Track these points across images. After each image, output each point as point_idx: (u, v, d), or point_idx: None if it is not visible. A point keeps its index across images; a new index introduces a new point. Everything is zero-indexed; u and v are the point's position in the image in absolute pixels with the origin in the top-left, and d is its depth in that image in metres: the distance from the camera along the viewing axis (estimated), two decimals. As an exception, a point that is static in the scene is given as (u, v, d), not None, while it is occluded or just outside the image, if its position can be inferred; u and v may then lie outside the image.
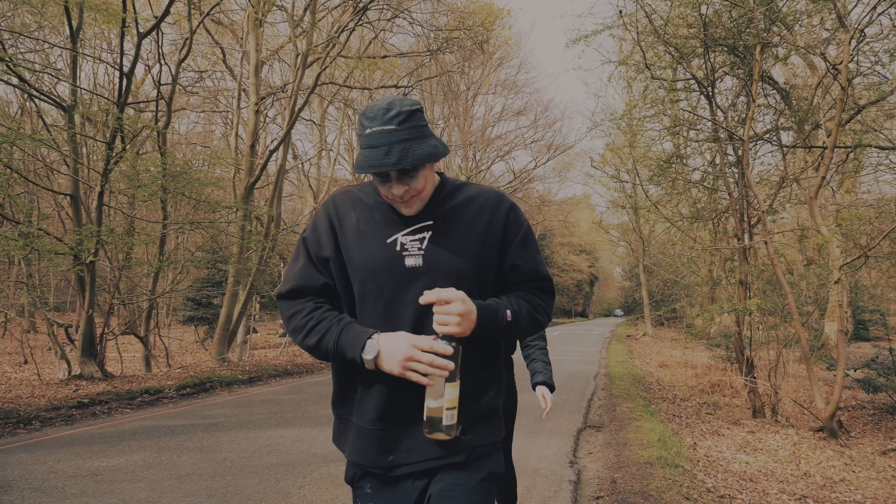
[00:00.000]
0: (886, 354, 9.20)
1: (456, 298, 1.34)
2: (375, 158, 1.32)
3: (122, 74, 9.30)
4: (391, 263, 1.43)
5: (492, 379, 1.55)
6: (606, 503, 3.98)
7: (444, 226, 1.47)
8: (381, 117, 1.34)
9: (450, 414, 1.35)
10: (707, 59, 9.57)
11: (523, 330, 1.51)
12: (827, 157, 8.21)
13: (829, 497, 4.72)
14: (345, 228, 1.50)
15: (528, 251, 1.55)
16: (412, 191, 1.40)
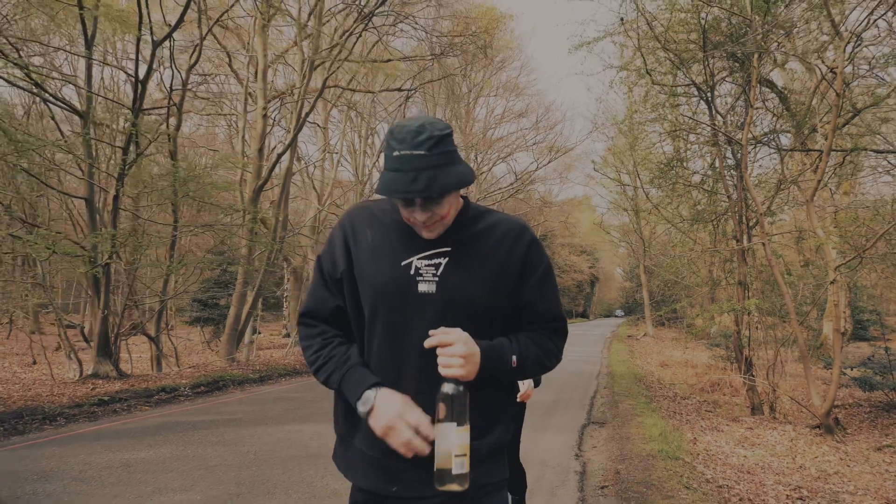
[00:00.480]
0: (883, 353, 9.44)
1: (458, 340, 1.31)
2: (402, 184, 1.28)
3: (136, 81, 9.55)
4: (404, 287, 1.40)
5: (501, 415, 1.50)
6: (611, 492, 4.22)
7: (462, 253, 1.43)
8: (410, 140, 1.29)
9: (459, 462, 1.26)
10: (706, 64, 9.81)
11: (528, 374, 1.47)
12: (823, 161, 8.45)
13: (823, 488, 4.96)
14: (359, 246, 1.48)
15: (546, 290, 1.50)
16: (435, 216, 1.37)
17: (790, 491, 4.76)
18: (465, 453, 1.26)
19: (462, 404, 1.28)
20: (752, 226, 9.88)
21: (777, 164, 11.55)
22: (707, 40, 9.53)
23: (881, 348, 9.49)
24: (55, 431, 6.04)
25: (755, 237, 9.74)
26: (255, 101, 15.98)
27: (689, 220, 11.99)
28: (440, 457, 1.26)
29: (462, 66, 19.55)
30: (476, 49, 16.62)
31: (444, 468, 1.26)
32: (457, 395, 1.28)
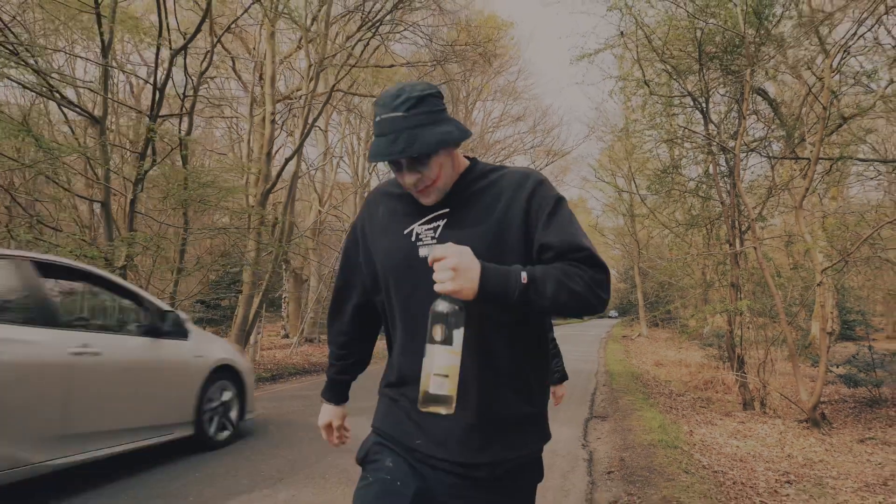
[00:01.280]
0: (867, 352, 9.94)
1: (450, 253, 1.22)
2: (383, 147, 1.29)
3: (154, 89, 9.93)
4: (407, 254, 1.40)
5: (523, 381, 1.41)
6: (617, 476, 4.65)
7: (461, 212, 1.40)
8: (389, 104, 1.30)
9: (438, 381, 1.19)
10: (702, 76, 10.27)
11: (550, 299, 1.26)
12: (811, 170, 8.93)
13: (809, 474, 5.42)
14: (374, 223, 1.51)
15: (557, 224, 1.36)
16: (425, 179, 1.35)
17: (779, 476, 5.21)
18: (446, 374, 1.19)
19: (454, 323, 1.20)
20: (744, 230, 10.36)
21: (768, 171, 12.05)
22: (702, 53, 10.00)
23: (866, 347, 10.00)
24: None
25: (747, 241, 10.22)
26: (260, 105, 16.36)
27: (685, 224, 12.45)
28: (423, 377, 1.21)
29: (462, 72, 19.97)
30: (478, 57, 17.03)
31: (424, 388, 1.20)
32: (449, 314, 1.21)
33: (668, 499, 4.00)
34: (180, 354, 4.92)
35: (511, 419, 1.39)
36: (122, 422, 4.20)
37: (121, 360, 4.27)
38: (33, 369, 3.57)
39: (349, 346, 1.68)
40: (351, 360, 1.70)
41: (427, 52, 17.87)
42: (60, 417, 3.71)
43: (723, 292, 12.54)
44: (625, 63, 12.31)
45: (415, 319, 1.40)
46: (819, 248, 9.49)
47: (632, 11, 10.00)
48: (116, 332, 4.57)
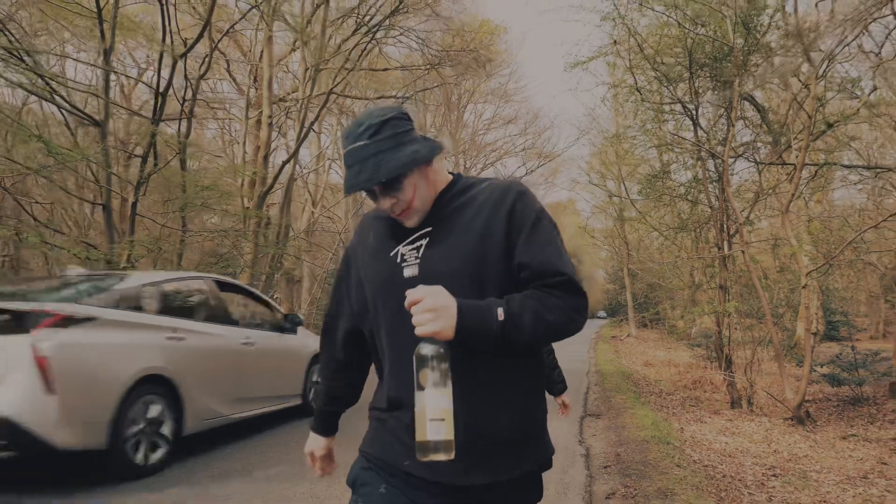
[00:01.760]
0: (850, 352, 10.29)
1: (426, 294, 1.23)
2: (350, 178, 1.31)
3: (157, 94, 10.10)
4: (393, 277, 1.39)
5: (512, 401, 1.37)
6: (614, 470, 4.91)
7: (443, 229, 1.39)
8: (352, 134, 1.32)
9: (435, 426, 1.16)
10: (692, 84, 10.58)
11: (529, 332, 1.28)
12: (797, 176, 9.25)
13: (794, 468, 5.71)
14: (364, 249, 1.51)
15: (536, 243, 1.35)
16: (401, 203, 1.35)
17: (765, 470, 5.50)
18: (442, 418, 1.16)
19: (440, 365, 1.19)
20: (732, 234, 10.68)
21: (755, 176, 12.40)
22: (693, 61, 10.31)
23: (849, 347, 10.35)
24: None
25: (735, 244, 10.54)
26: (255, 107, 16.54)
27: (675, 228, 12.77)
28: (419, 427, 1.17)
29: (456, 76, 20.23)
30: (471, 61, 17.29)
31: (421, 436, 1.17)
32: (434, 356, 1.19)
33: (662, 490, 4.26)
34: (295, 345, 6.69)
35: (503, 439, 1.34)
36: (268, 391, 6.03)
37: (267, 348, 6.06)
38: (221, 353, 5.37)
39: (340, 374, 1.64)
40: (340, 391, 1.65)
41: (420, 56, 18.12)
42: (236, 386, 5.51)
43: (711, 294, 12.88)
44: (617, 70, 12.61)
45: (402, 341, 1.36)
46: (804, 251, 9.82)
47: (625, 21, 10.29)
48: (260, 329, 6.30)
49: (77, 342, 4.05)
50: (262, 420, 6.37)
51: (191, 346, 5.03)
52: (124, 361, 4.31)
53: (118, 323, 4.45)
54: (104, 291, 4.63)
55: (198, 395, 4.98)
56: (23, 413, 3.68)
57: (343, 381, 1.64)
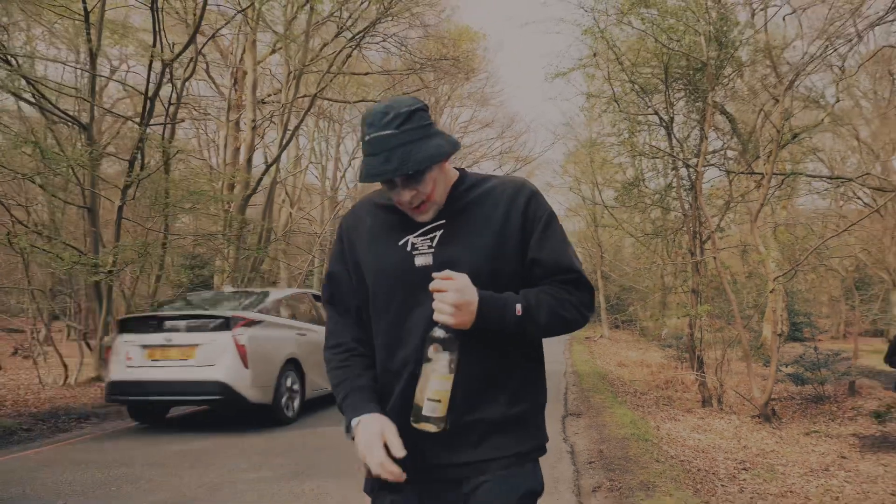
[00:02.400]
0: (812, 352, 10.84)
1: (451, 287, 1.26)
2: (376, 166, 1.29)
3: (146, 98, 10.20)
4: (402, 264, 1.39)
5: (508, 382, 1.41)
6: (598, 465, 5.26)
7: (458, 222, 1.41)
8: (378, 122, 1.29)
9: (431, 406, 1.25)
10: (667, 95, 11.02)
11: (544, 327, 1.37)
12: (765, 186, 9.74)
13: (762, 462, 6.14)
14: (361, 233, 1.49)
15: (549, 241, 1.42)
16: (420, 195, 1.35)
17: (736, 464, 5.92)
18: (439, 399, 1.24)
19: (450, 350, 1.25)
20: (704, 240, 11.16)
21: (726, 184, 12.94)
22: (668, 74, 10.76)
23: (811, 348, 10.90)
24: (96, 429, 6.75)
25: (707, 250, 11.02)
26: (236, 110, 16.64)
27: (651, 234, 13.24)
28: (419, 395, 1.26)
29: (435, 80, 20.54)
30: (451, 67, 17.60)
31: (418, 405, 1.26)
32: (445, 340, 1.25)
33: (645, 483, 4.62)
34: None
35: (496, 420, 1.38)
36: None
37: None
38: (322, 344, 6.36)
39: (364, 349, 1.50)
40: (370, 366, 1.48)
41: (399, 60, 18.38)
42: None
43: (683, 297, 13.38)
44: (595, 81, 13.03)
45: (403, 330, 1.39)
46: (772, 258, 10.32)
47: (604, 35, 10.68)
48: None
49: (257, 336, 6.52)
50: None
51: (308, 339, 7.38)
52: (279, 349, 6.74)
53: (274, 324, 6.97)
54: (261, 303, 7.11)
55: (312, 373, 7.23)
56: (232, 380, 6.18)
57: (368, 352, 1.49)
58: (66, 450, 5.58)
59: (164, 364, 6.29)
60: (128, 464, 4.93)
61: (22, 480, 4.42)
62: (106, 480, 4.41)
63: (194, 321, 6.46)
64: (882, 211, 14.66)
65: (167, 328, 6.43)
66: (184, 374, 6.19)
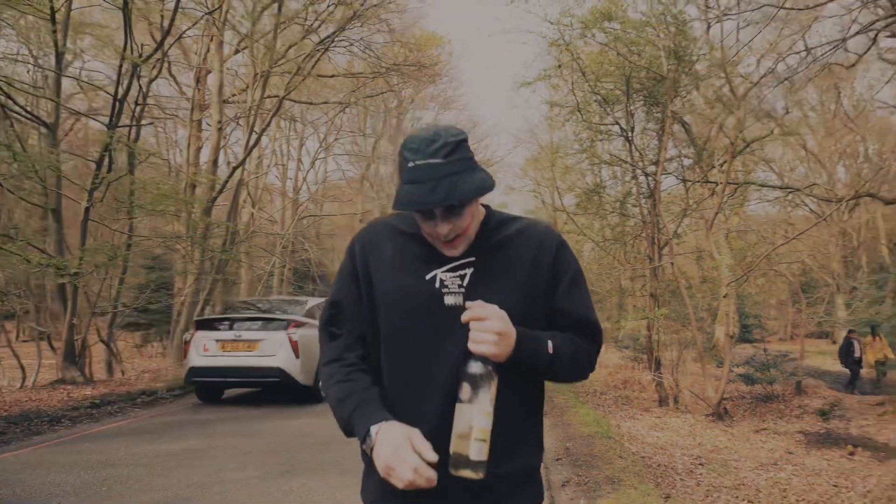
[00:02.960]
0: (762, 353, 11.44)
1: (494, 316, 1.25)
2: (421, 195, 1.24)
3: (115, 100, 10.16)
4: (430, 301, 1.35)
5: (532, 431, 1.42)
6: (565, 462, 5.57)
7: (488, 262, 1.38)
8: (425, 149, 1.26)
9: (478, 447, 1.19)
10: (628, 106, 11.48)
11: (564, 369, 1.37)
12: (720, 196, 10.25)
13: (716, 457, 6.56)
14: (380, 262, 1.42)
15: (577, 294, 1.44)
16: (457, 229, 1.32)
17: (693, 459, 6.31)
18: (485, 439, 1.19)
19: (488, 386, 1.22)
20: (662, 246, 11.65)
21: (682, 191, 13.50)
22: (630, 87, 11.21)
23: (761, 349, 11.51)
24: (69, 431, 6.74)
25: (665, 256, 11.51)
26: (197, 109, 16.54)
27: (610, 240, 13.71)
28: (457, 440, 1.20)
29: (399, 83, 20.73)
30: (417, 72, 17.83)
31: (460, 453, 1.19)
32: (483, 375, 1.22)
33: (610, 478, 4.94)
34: None
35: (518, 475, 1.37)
36: None
37: None
38: None
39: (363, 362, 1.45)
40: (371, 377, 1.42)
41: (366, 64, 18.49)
42: None
43: (640, 301, 13.91)
44: (560, 91, 13.44)
45: (425, 371, 1.34)
46: (725, 264, 10.86)
47: (569, 48, 11.07)
48: None
49: (304, 334, 8.30)
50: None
51: None
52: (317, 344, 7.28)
53: (313, 325, 8.27)
54: (303, 309, 9.12)
55: None
56: (287, 367, 8.12)
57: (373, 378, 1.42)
58: (45, 452, 5.61)
59: (234, 354, 8.27)
60: (113, 465, 5.01)
61: (9, 482, 4.47)
62: (94, 481, 4.50)
63: (258, 322, 8.50)
64: (828, 220, 15.47)
65: (236, 327, 8.40)
66: (250, 362, 8.20)
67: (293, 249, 25.52)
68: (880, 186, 15.03)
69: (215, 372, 8.29)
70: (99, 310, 11.43)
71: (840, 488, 5.83)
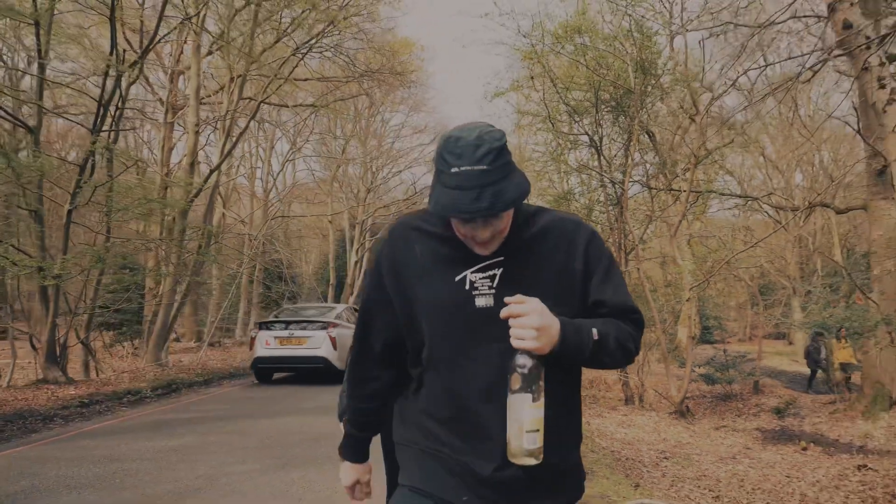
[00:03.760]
0: (722, 354, 12.10)
1: (533, 311, 1.25)
2: (465, 202, 1.23)
3: (99, 105, 10.30)
4: (460, 303, 1.35)
5: (572, 423, 1.45)
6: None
7: (517, 261, 1.37)
8: (470, 155, 1.23)
9: (532, 437, 1.24)
10: (597, 117, 12.02)
11: (611, 355, 1.37)
12: (683, 204, 10.83)
13: (679, 451, 7.08)
14: (409, 262, 1.42)
15: (612, 284, 1.43)
16: (494, 232, 1.31)
17: (658, 453, 6.83)
18: (538, 428, 1.24)
19: (536, 378, 1.24)
20: (628, 252, 12.22)
21: (647, 198, 14.11)
22: (598, 98, 11.75)
23: (721, 350, 12.16)
24: (64, 430, 6.93)
25: (631, 262, 12.08)
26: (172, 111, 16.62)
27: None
28: (512, 431, 1.25)
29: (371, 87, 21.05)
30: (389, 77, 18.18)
31: (516, 442, 1.25)
32: (531, 368, 1.24)
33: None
34: None
35: (563, 466, 1.40)
36: None
37: None
38: None
39: (379, 394, 1.55)
40: (377, 412, 1.57)
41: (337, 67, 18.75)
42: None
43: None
44: (531, 101, 13.93)
45: (461, 371, 1.36)
46: (688, 270, 11.46)
47: (541, 60, 11.56)
48: None
49: (339, 332, 10.85)
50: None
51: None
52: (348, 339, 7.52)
53: (343, 325, 11.16)
54: (336, 313, 11.86)
55: None
56: (328, 356, 10.76)
57: (379, 401, 1.56)
58: (47, 449, 5.83)
59: (289, 347, 11.00)
60: (118, 460, 5.28)
61: (25, 474, 4.72)
62: (105, 474, 4.77)
63: (306, 324, 11.20)
64: (786, 226, 16.29)
65: (290, 328, 11.13)
66: (301, 353, 10.92)
67: (264, 250, 25.63)
68: (833, 196, 15.90)
69: (275, 360, 11.22)
70: (80, 310, 11.50)
71: (792, 479, 6.39)
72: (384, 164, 31.47)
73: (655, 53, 12.55)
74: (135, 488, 4.42)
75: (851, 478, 6.19)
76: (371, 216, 30.64)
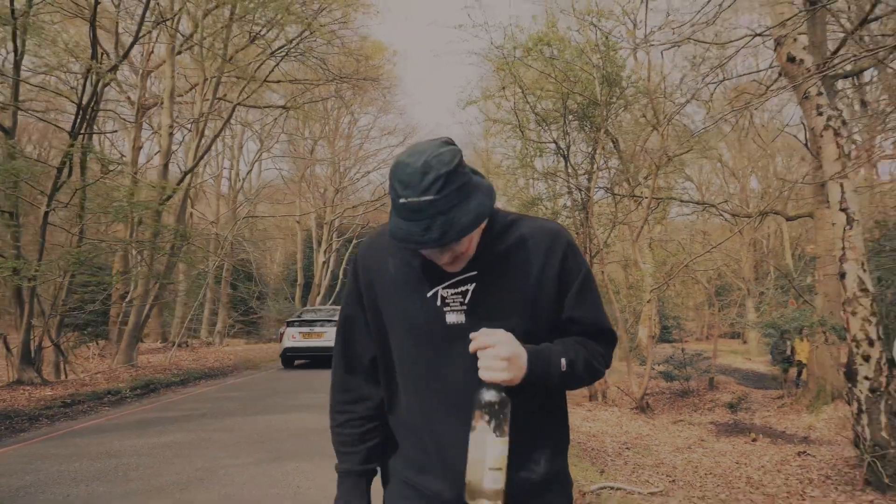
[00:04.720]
0: (680, 353, 12.76)
1: (500, 342, 1.21)
2: (415, 234, 1.18)
3: (79, 108, 10.43)
4: (432, 320, 1.32)
5: (549, 438, 1.39)
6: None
7: (491, 276, 1.32)
8: (416, 185, 1.16)
9: (493, 476, 1.17)
10: (565, 127, 12.55)
11: (579, 381, 1.35)
12: (646, 210, 11.43)
13: (640, 443, 7.64)
14: (382, 280, 1.39)
15: (587, 302, 1.38)
16: (455, 254, 1.26)
17: (620, 444, 7.37)
18: (500, 467, 1.18)
19: (502, 413, 1.19)
20: (594, 255, 12.80)
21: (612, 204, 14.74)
22: (566, 108, 12.29)
23: (679, 349, 12.84)
24: (52, 429, 7.12)
25: (596, 265, 12.65)
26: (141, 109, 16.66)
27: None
28: (472, 469, 1.19)
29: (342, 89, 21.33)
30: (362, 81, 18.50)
31: (475, 481, 1.19)
32: (497, 402, 1.19)
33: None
34: None
35: (538, 482, 1.36)
36: None
37: None
38: None
39: (373, 416, 1.47)
40: (376, 438, 1.47)
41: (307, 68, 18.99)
42: None
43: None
44: (502, 109, 14.42)
45: (431, 390, 1.34)
46: (649, 272, 12.09)
47: (512, 71, 12.05)
48: None
49: None
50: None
51: None
52: None
53: None
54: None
55: None
56: None
57: (377, 425, 1.48)
58: (40, 447, 6.04)
59: (311, 340, 13.88)
60: (116, 455, 5.55)
61: (27, 470, 4.97)
62: (107, 469, 5.05)
63: (325, 322, 13.95)
64: (740, 231, 17.14)
65: (313, 324, 14.00)
66: (321, 344, 13.58)
67: (232, 251, 25.64)
68: (785, 203, 16.79)
69: (300, 350, 14.14)
70: (54, 312, 11.57)
71: (740, 465, 6.98)
72: (353, 164, 31.75)
73: (620, 66, 13.16)
74: (140, 480, 4.73)
75: (792, 463, 6.81)
76: (339, 216, 30.86)
